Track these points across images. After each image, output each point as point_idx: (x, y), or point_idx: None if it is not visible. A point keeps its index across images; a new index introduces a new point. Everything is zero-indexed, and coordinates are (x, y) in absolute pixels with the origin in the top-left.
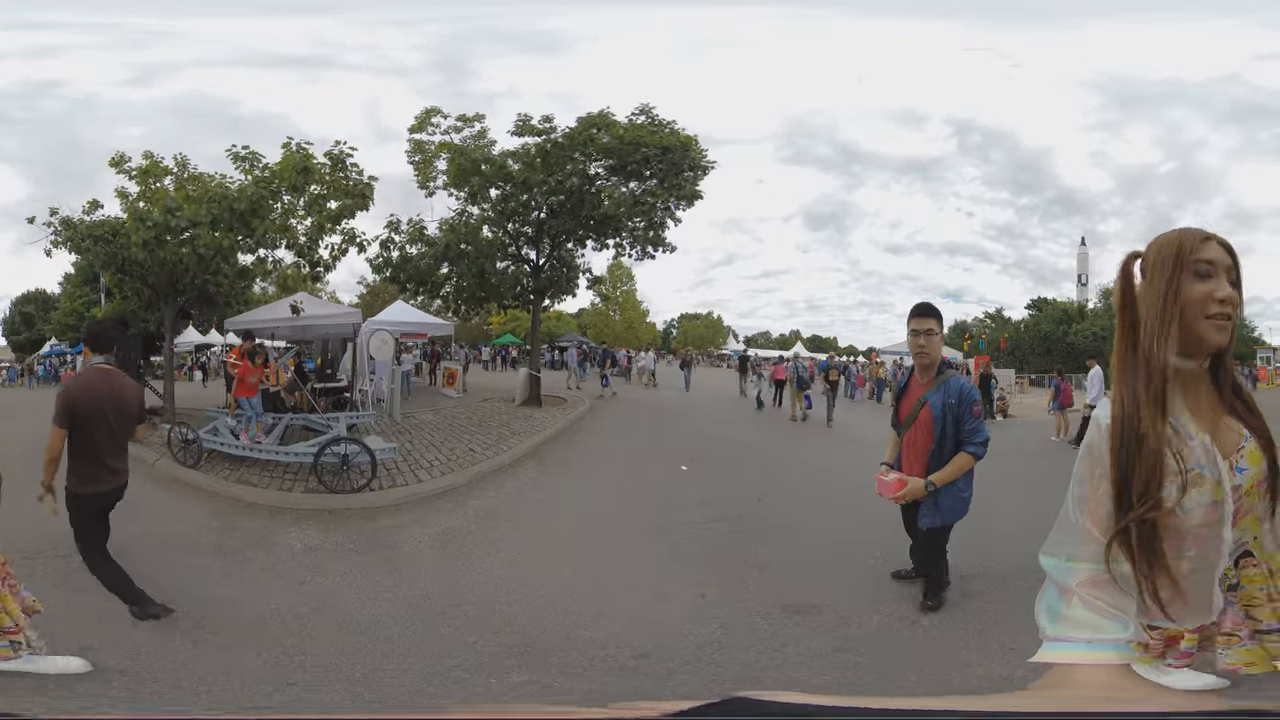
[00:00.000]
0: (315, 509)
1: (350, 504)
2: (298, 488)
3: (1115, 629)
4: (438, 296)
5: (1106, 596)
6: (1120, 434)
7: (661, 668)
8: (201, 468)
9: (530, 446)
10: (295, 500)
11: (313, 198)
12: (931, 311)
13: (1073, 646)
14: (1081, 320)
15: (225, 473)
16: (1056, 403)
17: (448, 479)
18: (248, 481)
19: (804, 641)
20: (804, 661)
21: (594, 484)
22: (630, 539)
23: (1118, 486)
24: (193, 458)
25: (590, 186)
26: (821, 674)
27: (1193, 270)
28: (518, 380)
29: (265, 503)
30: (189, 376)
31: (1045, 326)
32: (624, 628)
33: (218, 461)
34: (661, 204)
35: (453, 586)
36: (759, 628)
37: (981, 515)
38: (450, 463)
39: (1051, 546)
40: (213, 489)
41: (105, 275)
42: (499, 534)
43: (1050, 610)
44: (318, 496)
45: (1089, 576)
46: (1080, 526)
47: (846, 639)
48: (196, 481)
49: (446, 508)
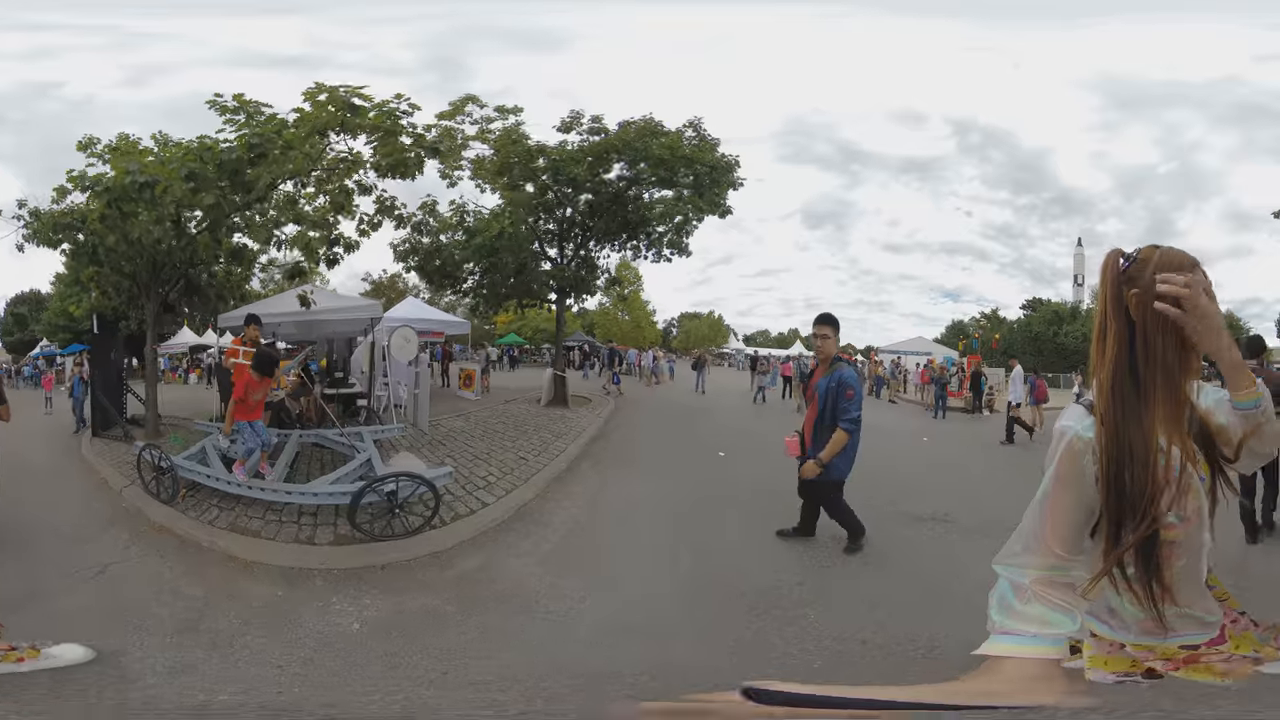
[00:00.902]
0: (359, 566)
1: (407, 551)
2: (322, 535)
3: (1063, 623)
4: (461, 292)
5: (1058, 595)
6: (1115, 450)
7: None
8: (180, 504)
9: (579, 448)
10: (325, 556)
11: (351, 161)
12: (828, 320)
13: (1017, 640)
14: (1073, 321)
15: (213, 512)
16: (1032, 398)
17: (514, 496)
18: (245, 528)
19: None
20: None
21: (656, 475)
22: (718, 512)
23: (1114, 503)
24: (167, 490)
25: (631, 190)
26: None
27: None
28: (543, 380)
29: (276, 561)
30: (183, 379)
31: (1037, 328)
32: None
33: (204, 494)
34: (694, 212)
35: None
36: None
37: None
38: (507, 476)
39: (1007, 556)
40: (191, 536)
41: (81, 270)
42: (603, 542)
43: (1002, 603)
44: (357, 548)
45: (1044, 578)
46: (1044, 545)
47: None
48: (171, 523)
49: (530, 530)
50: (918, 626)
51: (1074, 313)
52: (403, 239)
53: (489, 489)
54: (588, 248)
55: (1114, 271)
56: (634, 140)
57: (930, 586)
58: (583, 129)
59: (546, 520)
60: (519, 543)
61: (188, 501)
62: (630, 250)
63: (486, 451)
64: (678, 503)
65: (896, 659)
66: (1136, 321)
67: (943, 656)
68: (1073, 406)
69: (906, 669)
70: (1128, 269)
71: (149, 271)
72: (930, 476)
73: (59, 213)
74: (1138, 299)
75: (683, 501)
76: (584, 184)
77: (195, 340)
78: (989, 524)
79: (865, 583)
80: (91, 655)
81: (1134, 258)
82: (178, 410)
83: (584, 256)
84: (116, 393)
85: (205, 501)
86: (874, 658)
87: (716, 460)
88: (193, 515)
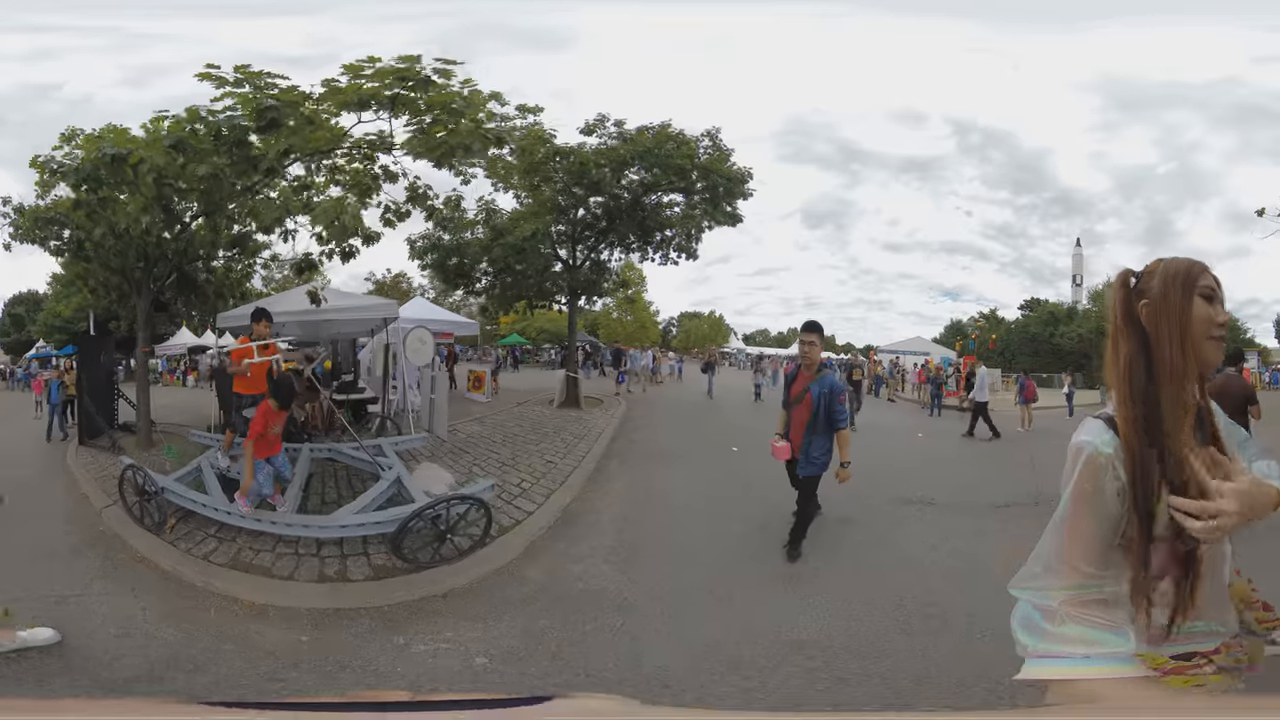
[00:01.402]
0: (416, 599)
1: (465, 574)
2: (355, 568)
3: (1115, 642)
4: (475, 292)
5: (1098, 613)
6: (1142, 462)
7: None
8: (168, 534)
9: (603, 448)
10: (367, 593)
11: (380, 142)
12: (816, 329)
13: (1068, 662)
14: (1069, 322)
15: (209, 544)
16: (1022, 397)
17: (554, 500)
18: (251, 564)
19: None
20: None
21: (681, 469)
22: (744, 497)
23: (1141, 513)
24: (153, 517)
25: (648, 196)
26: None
27: (1199, 294)
28: (552, 381)
29: (301, 602)
30: (181, 381)
31: (1034, 328)
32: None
33: (198, 521)
34: (708, 219)
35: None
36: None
37: (965, 474)
38: (540, 481)
39: (1026, 580)
40: (178, 572)
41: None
42: (657, 532)
43: (1030, 627)
44: (403, 580)
45: (1074, 598)
46: (1068, 564)
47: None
48: (155, 554)
49: (581, 532)
50: (903, 585)
51: (1070, 314)
52: (421, 234)
53: (526, 496)
54: (599, 250)
55: (1125, 288)
56: (655, 148)
57: (908, 554)
58: (606, 133)
59: (593, 520)
60: (574, 546)
61: (178, 530)
62: (638, 253)
63: (512, 457)
64: (709, 491)
65: (888, 605)
66: (1150, 331)
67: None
68: (1089, 421)
69: (898, 609)
70: (1137, 284)
71: (141, 267)
72: (920, 467)
73: (43, 208)
74: (1147, 309)
75: (712, 490)
76: (606, 188)
77: (194, 341)
78: (962, 504)
79: (862, 553)
80: (58, 638)
81: (1142, 273)
82: (173, 416)
83: (595, 259)
84: (106, 398)
85: (200, 531)
86: (874, 604)
87: (731, 454)
88: (183, 547)
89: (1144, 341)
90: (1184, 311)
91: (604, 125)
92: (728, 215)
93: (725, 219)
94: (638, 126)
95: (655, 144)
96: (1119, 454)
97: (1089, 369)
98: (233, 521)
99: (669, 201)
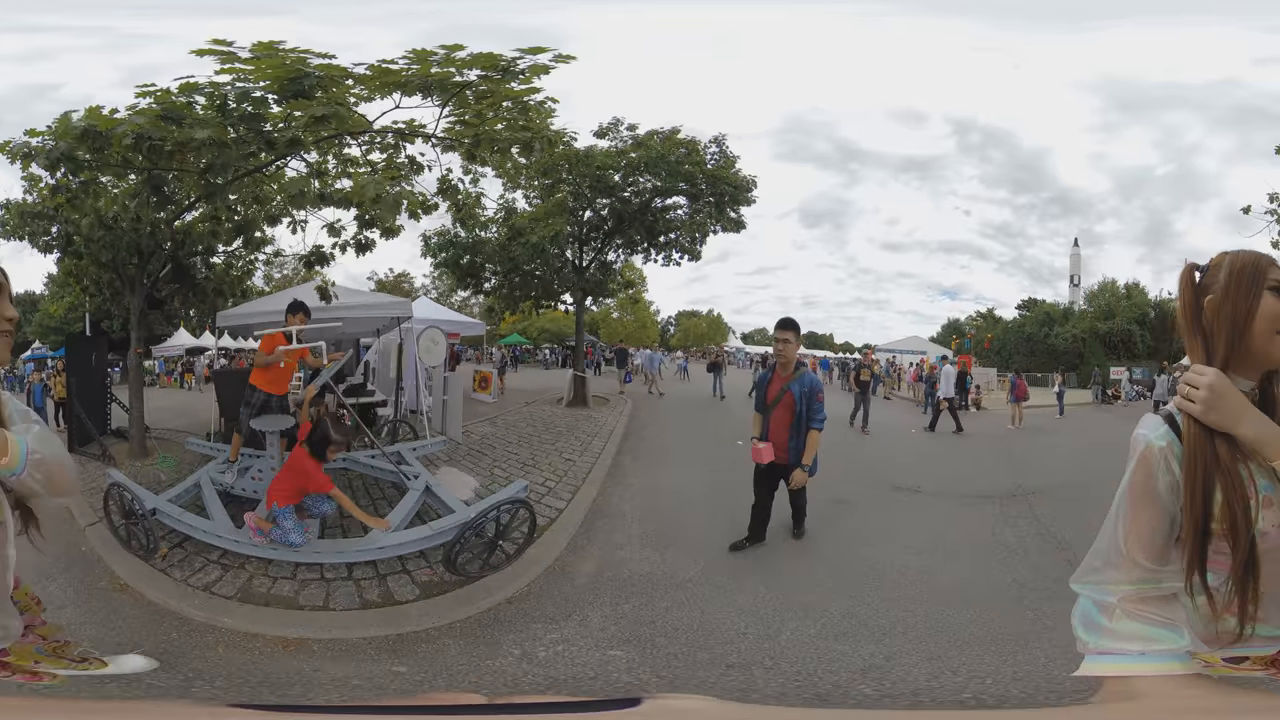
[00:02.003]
0: (483, 610)
1: (519, 578)
2: (400, 589)
3: (1170, 639)
4: (484, 292)
5: (1154, 610)
6: (1200, 458)
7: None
8: (160, 561)
9: (616, 445)
10: (430, 612)
11: (410, 131)
12: (792, 325)
13: (1124, 659)
14: (1065, 323)
15: (211, 572)
16: (1013, 396)
17: (581, 496)
18: (271, 596)
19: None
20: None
21: (691, 462)
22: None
23: (1198, 514)
24: (141, 541)
25: (656, 200)
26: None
27: (1267, 287)
28: (552, 379)
29: (346, 633)
30: (179, 383)
31: (1030, 328)
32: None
33: (195, 546)
34: (713, 224)
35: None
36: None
37: (952, 467)
38: (563, 480)
39: (1086, 574)
40: (170, 605)
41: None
42: (681, 518)
43: (1088, 623)
44: (461, 593)
45: (1134, 593)
46: (1127, 558)
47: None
48: (140, 582)
49: (613, 523)
50: (884, 556)
51: (1066, 314)
52: (437, 231)
53: (553, 494)
54: (605, 252)
55: (1190, 284)
56: (666, 154)
57: (892, 531)
58: (619, 137)
59: (619, 511)
60: (611, 535)
61: (172, 557)
62: (642, 254)
63: (531, 457)
64: (719, 480)
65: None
66: (1210, 326)
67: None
68: (1148, 416)
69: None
70: (1202, 279)
71: (135, 263)
72: (912, 460)
73: (29, 203)
74: (1210, 304)
75: (722, 478)
76: (619, 191)
77: (192, 342)
78: (944, 490)
79: (855, 530)
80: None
81: (1207, 268)
82: (170, 420)
83: (603, 261)
84: (98, 402)
85: (199, 557)
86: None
87: (735, 448)
88: (177, 576)
89: (1209, 337)
90: (1251, 306)
91: (617, 129)
92: (732, 222)
93: (730, 225)
94: (647, 130)
95: (665, 149)
96: (1173, 448)
97: (1082, 369)
98: (244, 550)
99: (674, 204)
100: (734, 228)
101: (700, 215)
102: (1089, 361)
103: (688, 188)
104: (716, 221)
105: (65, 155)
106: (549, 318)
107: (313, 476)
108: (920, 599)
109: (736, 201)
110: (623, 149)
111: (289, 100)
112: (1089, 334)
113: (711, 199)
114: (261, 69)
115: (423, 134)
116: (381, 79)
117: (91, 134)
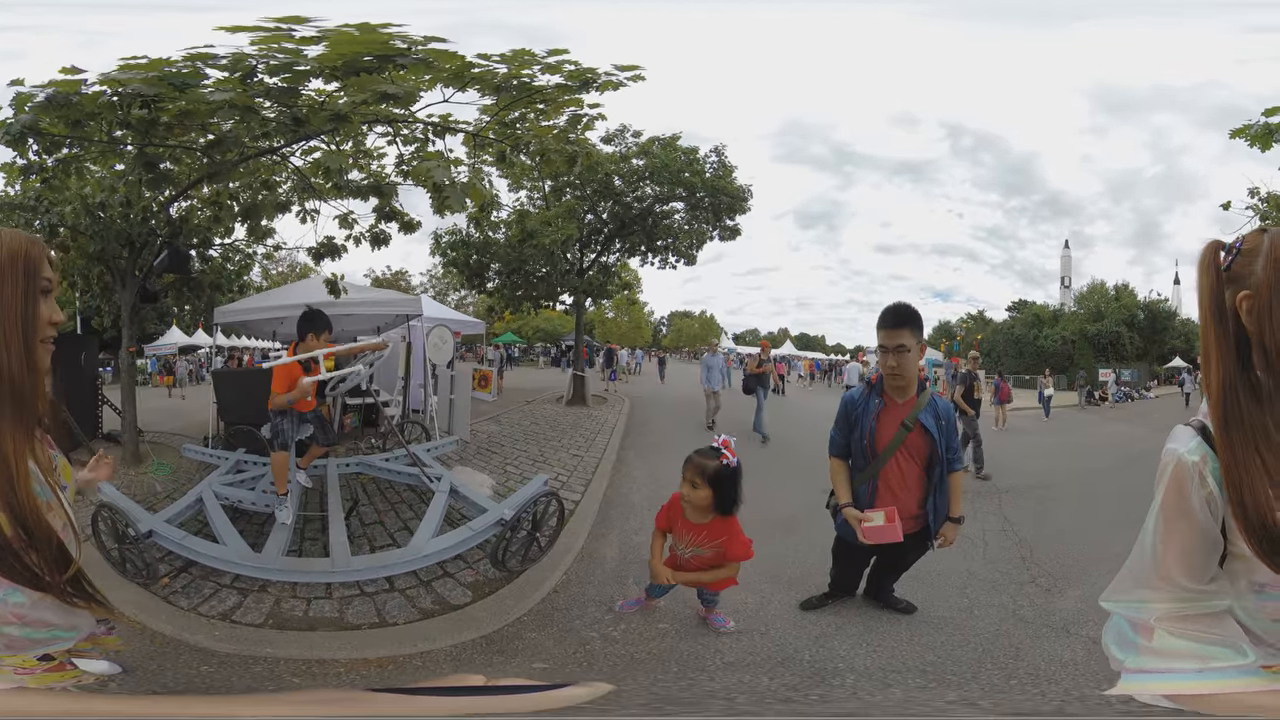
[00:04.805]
0: (535, 605)
1: (555, 569)
2: (450, 592)
3: (1230, 655)
4: (486, 292)
5: (1204, 628)
6: (1237, 471)
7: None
8: (162, 587)
9: (619, 440)
10: (490, 614)
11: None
12: (906, 318)
13: (1175, 677)
14: (1054, 325)
15: (228, 599)
16: (996, 398)
17: (593, 488)
18: (305, 617)
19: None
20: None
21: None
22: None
23: (1251, 526)
24: (137, 565)
25: (658, 206)
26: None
27: None
28: (548, 378)
29: (428, 645)
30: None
31: (1019, 330)
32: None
33: (201, 568)
34: (711, 230)
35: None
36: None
37: None
38: (574, 474)
39: (1118, 592)
40: (180, 637)
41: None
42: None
43: (1123, 641)
44: (511, 589)
45: (1173, 611)
46: (1164, 577)
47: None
48: (137, 609)
49: (625, 511)
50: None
51: (1055, 316)
52: (449, 229)
53: (567, 488)
54: (605, 254)
55: (1213, 270)
56: (668, 162)
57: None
58: (624, 143)
59: (628, 500)
60: (625, 522)
61: (177, 581)
62: (640, 257)
63: (540, 454)
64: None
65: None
66: (1251, 330)
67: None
68: (1179, 429)
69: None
70: (1231, 265)
71: (126, 256)
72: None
73: (10, 195)
74: (1249, 303)
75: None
76: (623, 196)
77: (185, 340)
78: None
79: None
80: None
81: (1238, 249)
82: (166, 422)
83: (603, 262)
84: (88, 405)
85: (206, 582)
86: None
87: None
88: (184, 605)
89: (1240, 336)
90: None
91: (623, 136)
92: (728, 229)
93: (726, 233)
94: (648, 137)
95: (667, 157)
96: (1207, 462)
97: (1070, 371)
98: (275, 578)
99: (672, 209)
100: (730, 235)
101: (698, 223)
102: (1077, 363)
103: (687, 195)
104: (714, 229)
105: (29, 127)
106: (544, 317)
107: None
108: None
109: (733, 210)
110: (626, 154)
111: (348, 78)
112: (1078, 336)
113: (709, 208)
114: (336, 42)
115: (462, 129)
116: (446, 60)
117: (59, 100)
